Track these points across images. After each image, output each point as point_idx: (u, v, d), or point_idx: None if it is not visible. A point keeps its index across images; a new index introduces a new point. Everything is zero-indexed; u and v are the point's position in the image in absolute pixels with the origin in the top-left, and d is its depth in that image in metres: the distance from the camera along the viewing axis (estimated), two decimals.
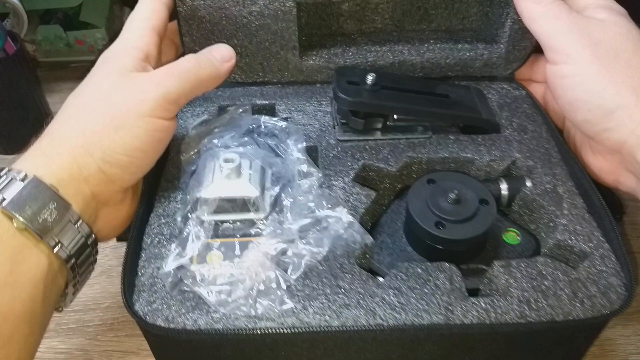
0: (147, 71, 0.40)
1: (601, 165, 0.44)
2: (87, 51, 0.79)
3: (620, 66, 0.39)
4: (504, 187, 0.44)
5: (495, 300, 0.36)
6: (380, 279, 0.40)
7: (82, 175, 0.36)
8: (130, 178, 0.39)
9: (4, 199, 0.32)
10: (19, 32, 0.69)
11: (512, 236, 0.43)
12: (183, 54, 0.50)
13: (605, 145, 0.41)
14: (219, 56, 0.42)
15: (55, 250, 0.33)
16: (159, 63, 0.43)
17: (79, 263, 0.35)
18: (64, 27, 0.77)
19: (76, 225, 0.34)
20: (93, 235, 0.36)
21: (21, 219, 0.32)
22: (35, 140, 0.37)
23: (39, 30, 0.77)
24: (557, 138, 0.47)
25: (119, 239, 0.42)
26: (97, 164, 0.36)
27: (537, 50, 0.49)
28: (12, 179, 0.33)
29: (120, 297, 0.36)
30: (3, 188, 0.33)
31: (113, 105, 0.37)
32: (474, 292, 0.39)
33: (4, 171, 0.34)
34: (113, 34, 0.79)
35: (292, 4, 0.48)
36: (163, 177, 0.44)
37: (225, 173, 0.39)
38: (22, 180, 0.33)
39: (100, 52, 0.81)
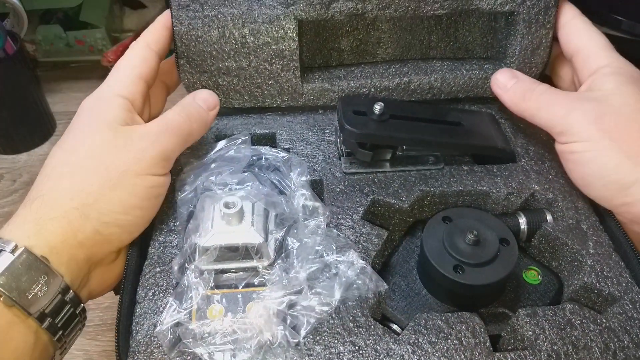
0: (136, 123, 0.38)
1: None
2: (87, 51, 0.78)
3: (632, 138, 0.37)
4: (522, 222, 0.42)
5: (522, 355, 0.33)
6: (395, 326, 0.38)
7: (77, 240, 0.34)
8: (128, 237, 0.37)
9: None
10: (19, 32, 0.68)
11: (532, 275, 0.41)
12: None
13: (626, 218, 0.39)
14: (205, 105, 0.42)
15: (44, 325, 0.31)
16: (145, 111, 0.42)
17: (66, 334, 0.33)
18: (64, 27, 0.76)
19: (66, 297, 0.32)
20: (82, 305, 0.34)
21: (10, 295, 0.30)
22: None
23: (39, 30, 0.76)
24: None
25: (116, 292, 0.39)
26: (92, 225, 0.34)
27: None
28: (1, 250, 0.31)
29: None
30: None
31: (109, 165, 0.35)
32: (495, 339, 0.36)
33: None
34: (113, 34, 0.79)
35: (293, 23, 0.45)
36: (156, 218, 0.41)
37: (226, 219, 0.36)
38: (12, 252, 0.31)
39: (100, 52, 0.78)
